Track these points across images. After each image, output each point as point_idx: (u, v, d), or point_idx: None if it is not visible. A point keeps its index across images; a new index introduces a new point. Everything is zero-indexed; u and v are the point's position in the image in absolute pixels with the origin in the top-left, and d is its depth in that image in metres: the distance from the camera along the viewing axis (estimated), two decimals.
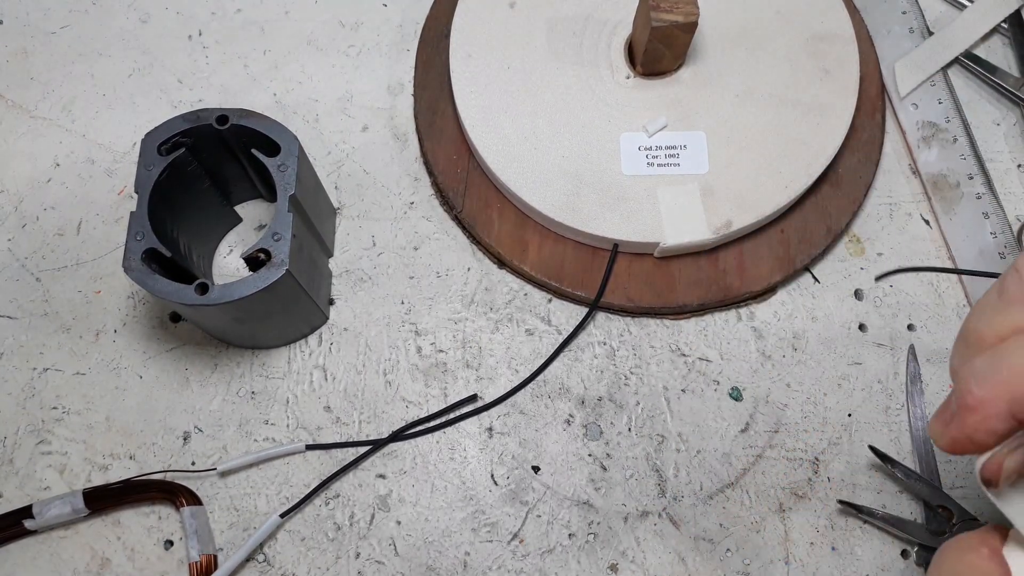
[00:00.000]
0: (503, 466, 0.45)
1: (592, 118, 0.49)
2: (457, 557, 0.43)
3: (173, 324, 0.48)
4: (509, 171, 0.47)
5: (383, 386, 0.47)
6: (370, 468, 0.45)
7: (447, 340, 0.47)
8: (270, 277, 0.39)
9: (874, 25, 0.55)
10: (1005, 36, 0.55)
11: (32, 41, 0.54)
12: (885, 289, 0.49)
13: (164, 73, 0.54)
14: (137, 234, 0.39)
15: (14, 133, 0.52)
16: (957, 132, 0.51)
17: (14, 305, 0.48)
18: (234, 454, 0.45)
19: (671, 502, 0.44)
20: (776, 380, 0.47)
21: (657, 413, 0.46)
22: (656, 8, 0.44)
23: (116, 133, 0.52)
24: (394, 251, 0.49)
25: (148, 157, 0.41)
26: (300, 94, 0.53)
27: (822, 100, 0.49)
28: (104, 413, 0.46)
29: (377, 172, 0.51)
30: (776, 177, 0.47)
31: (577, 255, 0.48)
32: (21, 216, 0.50)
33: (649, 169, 0.48)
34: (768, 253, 0.48)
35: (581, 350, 0.47)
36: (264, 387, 0.46)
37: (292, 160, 0.41)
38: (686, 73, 0.50)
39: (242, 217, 0.50)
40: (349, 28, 0.55)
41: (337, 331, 0.48)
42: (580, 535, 0.44)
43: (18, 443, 0.45)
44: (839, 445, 0.46)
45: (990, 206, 0.49)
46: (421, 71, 0.53)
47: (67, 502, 0.42)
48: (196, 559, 0.42)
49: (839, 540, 0.44)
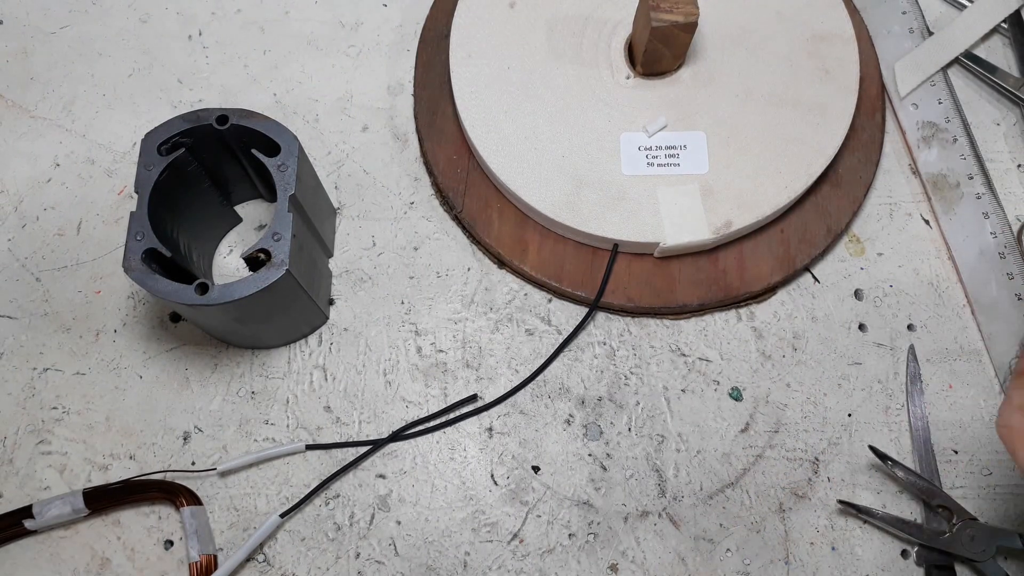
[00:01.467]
0: (503, 466, 0.45)
1: (592, 118, 0.49)
2: (457, 557, 0.43)
3: (173, 324, 0.48)
4: (509, 171, 0.47)
5: (383, 386, 0.47)
6: (370, 468, 0.45)
7: (447, 340, 0.47)
8: (270, 277, 0.39)
9: (874, 25, 0.55)
10: (1005, 36, 0.55)
11: (32, 41, 0.54)
12: (885, 289, 0.49)
13: (164, 73, 0.54)
14: (137, 234, 0.39)
15: (14, 133, 0.52)
16: (957, 132, 0.51)
17: (14, 305, 0.48)
18: (234, 454, 0.45)
19: (671, 502, 0.44)
20: (776, 380, 0.47)
21: (657, 413, 0.46)
22: (656, 8, 0.44)
23: (116, 133, 0.52)
24: (394, 251, 0.49)
25: (148, 157, 0.41)
26: (300, 94, 0.53)
27: (822, 100, 0.49)
28: (104, 413, 0.46)
29: (377, 172, 0.51)
30: (776, 177, 0.47)
31: (577, 255, 0.48)
32: (21, 216, 0.50)
33: (649, 169, 0.48)
34: (768, 253, 0.48)
35: (581, 350, 0.47)
36: (264, 387, 0.46)
37: (292, 160, 0.41)
38: (686, 73, 0.50)
39: (242, 217, 0.50)
40: (349, 28, 0.55)
41: (337, 331, 0.48)
42: (580, 535, 0.44)
43: (18, 443, 0.45)
44: (839, 445, 0.46)
45: (990, 206, 0.49)
46: (421, 71, 0.53)
47: (67, 502, 0.42)
48: (196, 559, 0.42)
49: (839, 540, 0.44)
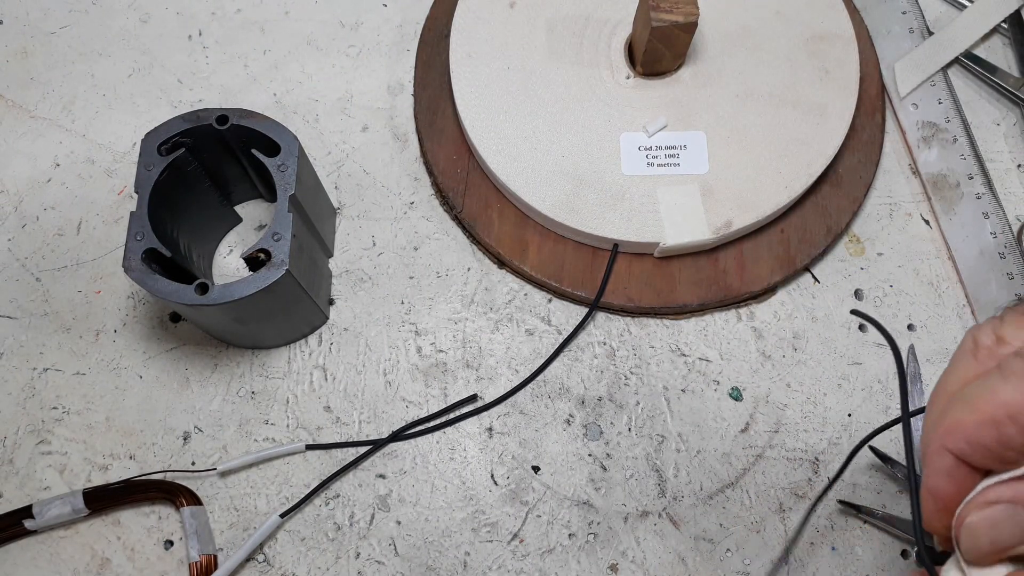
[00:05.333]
0: (503, 466, 0.45)
1: (592, 118, 0.49)
2: (457, 557, 0.43)
3: (173, 324, 0.48)
4: (509, 171, 0.47)
5: (383, 386, 0.47)
6: (370, 468, 0.45)
7: (447, 340, 0.47)
8: (270, 277, 0.39)
9: (874, 25, 0.55)
10: (1005, 36, 0.55)
11: (32, 41, 0.54)
12: (885, 289, 0.49)
13: (164, 73, 0.54)
14: (137, 234, 0.39)
15: (14, 133, 0.52)
16: (957, 132, 0.51)
17: (14, 305, 0.48)
18: (234, 454, 0.45)
19: (671, 502, 0.44)
20: (776, 380, 0.47)
21: (657, 413, 0.46)
22: (656, 8, 0.44)
23: (116, 133, 0.52)
24: (394, 251, 0.49)
25: (148, 157, 0.41)
26: (300, 94, 0.53)
27: (822, 100, 0.49)
28: (104, 413, 0.46)
29: (377, 172, 0.51)
30: (776, 177, 0.47)
31: (577, 255, 0.48)
32: (21, 216, 0.50)
33: (649, 169, 0.48)
34: (768, 253, 0.48)
35: (581, 350, 0.47)
36: (264, 387, 0.46)
37: (292, 160, 0.41)
38: (686, 73, 0.50)
39: (242, 217, 0.50)
40: (349, 28, 0.55)
41: (337, 331, 0.48)
42: (580, 535, 0.44)
43: (18, 443, 0.45)
44: (839, 445, 0.46)
45: (990, 206, 0.49)
46: (421, 71, 0.53)
47: (67, 502, 0.42)
48: (196, 559, 0.42)
49: (839, 540, 0.44)
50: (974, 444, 0.26)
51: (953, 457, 0.26)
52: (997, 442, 0.25)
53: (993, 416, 0.25)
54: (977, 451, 0.26)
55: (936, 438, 0.27)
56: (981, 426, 0.26)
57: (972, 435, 0.26)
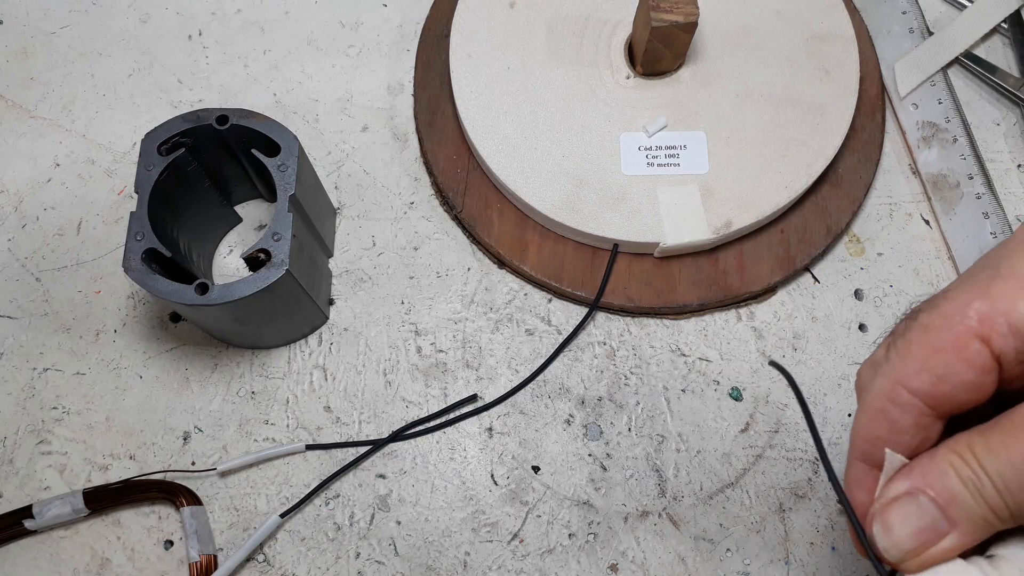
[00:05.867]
0: (503, 466, 0.45)
1: (592, 118, 0.49)
2: (457, 557, 0.43)
3: (173, 324, 0.48)
4: (509, 171, 0.47)
5: (383, 386, 0.47)
6: (370, 468, 0.45)
7: (447, 340, 0.47)
8: (270, 277, 0.39)
9: (874, 25, 0.55)
10: (1005, 36, 0.55)
11: (32, 41, 0.54)
12: (885, 289, 0.49)
13: (164, 73, 0.54)
14: (137, 234, 0.39)
15: (14, 133, 0.52)
16: (957, 132, 0.51)
17: (14, 305, 0.48)
18: (234, 454, 0.45)
19: (671, 502, 0.44)
20: (776, 380, 0.47)
21: (657, 413, 0.46)
22: (656, 8, 0.44)
23: (116, 133, 0.52)
24: (394, 251, 0.49)
25: (148, 157, 0.41)
26: (300, 94, 0.53)
27: (822, 100, 0.49)
28: (104, 413, 0.46)
29: (377, 172, 0.51)
30: (776, 177, 0.47)
31: (577, 255, 0.48)
32: (21, 216, 0.50)
33: (649, 169, 0.48)
34: (768, 253, 0.48)
35: (581, 350, 0.47)
36: (264, 387, 0.46)
37: (292, 160, 0.41)
38: (686, 73, 0.50)
39: (242, 217, 0.50)
40: (349, 28, 0.55)
41: (337, 331, 0.48)
42: (580, 535, 0.44)
43: (18, 443, 0.45)
44: (839, 445, 0.46)
45: (990, 206, 0.49)
46: (421, 71, 0.53)
47: (67, 502, 0.42)
48: (196, 559, 0.42)
49: (839, 540, 0.44)
50: (872, 441, 0.26)
51: (862, 464, 0.26)
52: (889, 431, 0.25)
53: (880, 407, 0.25)
54: (877, 447, 0.26)
55: (849, 452, 0.26)
56: (871, 423, 0.25)
57: (867, 433, 0.26)
